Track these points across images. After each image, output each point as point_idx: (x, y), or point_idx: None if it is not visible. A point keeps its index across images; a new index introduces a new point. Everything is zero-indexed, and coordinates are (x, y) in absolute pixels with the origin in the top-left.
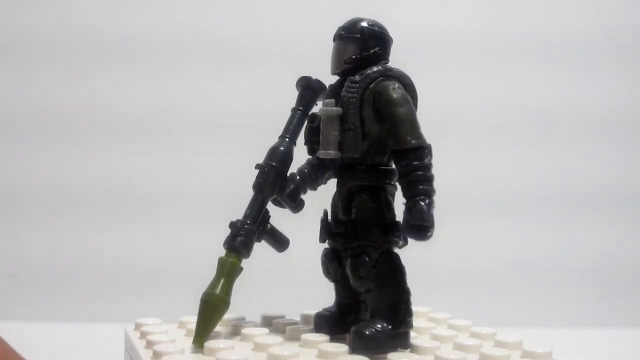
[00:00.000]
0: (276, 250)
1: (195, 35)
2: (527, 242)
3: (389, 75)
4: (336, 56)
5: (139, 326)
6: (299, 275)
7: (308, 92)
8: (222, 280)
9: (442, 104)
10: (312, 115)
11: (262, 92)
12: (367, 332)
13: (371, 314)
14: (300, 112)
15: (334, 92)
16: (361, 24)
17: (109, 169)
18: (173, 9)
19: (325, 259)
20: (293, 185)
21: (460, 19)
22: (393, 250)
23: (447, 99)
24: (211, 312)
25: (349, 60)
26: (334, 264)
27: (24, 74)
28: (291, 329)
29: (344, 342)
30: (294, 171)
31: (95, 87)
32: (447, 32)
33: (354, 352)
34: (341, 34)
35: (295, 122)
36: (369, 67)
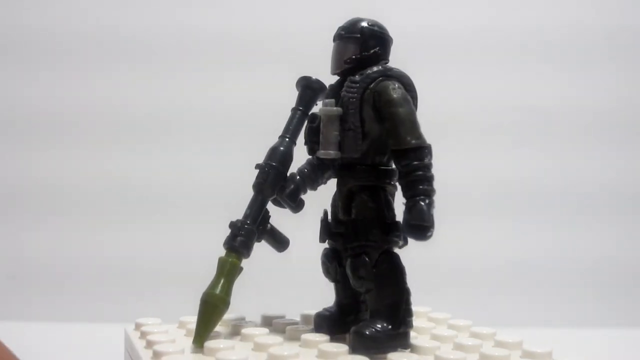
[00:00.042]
0: (276, 250)
1: (195, 35)
2: (527, 242)
3: (389, 75)
4: (336, 56)
5: (139, 326)
6: (299, 275)
7: (308, 92)
8: (222, 280)
9: (442, 104)
10: (312, 115)
11: (262, 92)
12: (367, 332)
13: (371, 314)
14: (300, 112)
15: (334, 92)
16: (361, 24)
17: (109, 169)
18: (173, 9)
19: (325, 259)
20: (293, 185)
21: (460, 19)
22: (393, 250)
23: (447, 99)
24: (211, 312)
25: (349, 60)
26: (334, 264)
27: (24, 74)
28: (291, 329)
29: (344, 342)
30: (294, 171)
31: (95, 87)
32: (447, 32)
33: (354, 352)
34: (341, 34)
35: (295, 122)
36: (369, 67)
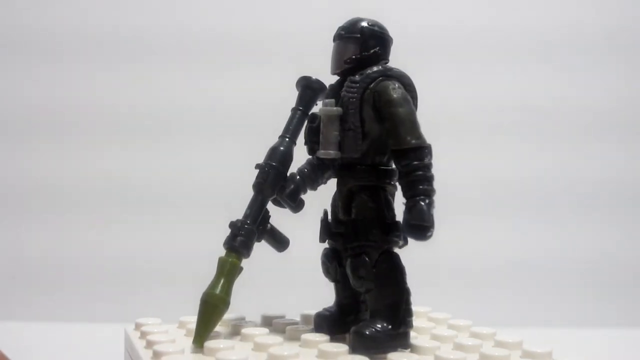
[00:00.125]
0: (276, 250)
1: (195, 34)
2: (527, 242)
3: (389, 75)
4: (336, 56)
5: (139, 326)
6: (299, 275)
7: (308, 92)
8: (222, 280)
9: (442, 104)
10: (312, 115)
11: (262, 92)
12: (367, 332)
13: (371, 314)
14: (300, 112)
15: (334, 92)
16: (361, 23)
17: (109, 168)
18: (173, 9)
19: (325, 259)
20: (293, 185)
21: (460, 19)
22: (393, 250)
23: (447, 99)
24: (211, 312)
25: (349, 60)
26: (334, 264)
27: (24, 74)
28: (291, 329)
29: (344, 342)
30: (294, 171)
31: (95, 87)
32: (447, 32)
33: (354, 352)
34: (341, 34)
35: (295, 122)
36: (369, 67)
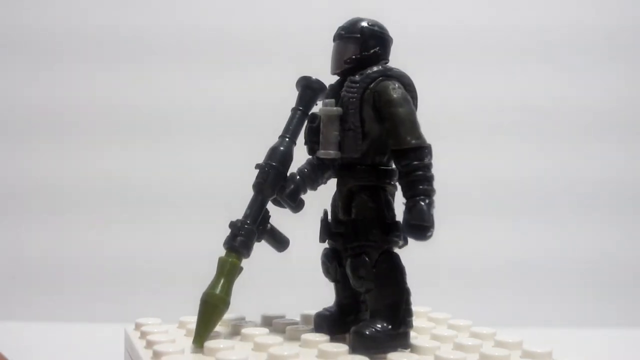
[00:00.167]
0: (276, 250)
1: (195, 34)
2: (527, 242)
3: (389, 75)
4: (336, 56)
5: (139, 326)
6: (299, 275)
7: (308, 92)
8: (222, 280)
9: (442, 104)
10: (312, 115)
11: (262, 92)
12: (367, 332)
13: (371, 314)
14: (300, 112)
15: (334, 92)
16: (361, 23)
17: (109, 168)
18: (173, 9)
19: (325, 259)
20: (293, 185)
21: (460, 18)
22: (393, 250)
23: (447, 99)
24: (211, 312)
25: (349, 60)
26: (334, 264)
27: (24, 73)
28: (291, 329)
29: (344, 342)
30: (294, 171)
31: (95, 87)
32: (447, 32)
33: (354, 352)
34: (341, 34)
35: (295, 122)
36: (369, 67)
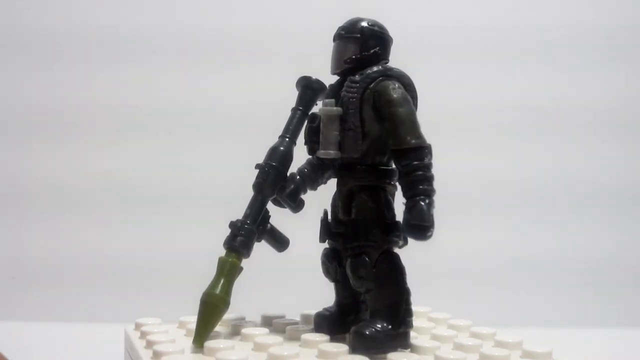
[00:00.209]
0: (276, 250)
1: (195, 34)
2: (527, 242)
3: (389, 75)
4: (336, 56)
5: (139, 326)
6: (299, 275)
7: (308, 92)
8: (222, 280)
9: (442, 104)
10: (312, 115)
11: (262, 92)
12: (367, 332)
13: (371, 314)
14: (300, 112)
15: (334, 92)
16: (361, 23)
17: (109, 168)
18: (173, 9)
19: (325, 259)
20: (293, 185)
21: (460, 18)
22: (393, 250)
23: (447, 98)
24: (211, 312)
25: (349, 60)
26: (334, 264)
27: (24, 73)
28: (291, 329)
29: (344, 342)
30: (294, 171)
31: (95, 87)
32: (447, 31)
33: (354, 352)
34: (341, 33)
35: (295, 122)
36: (369, 67)
